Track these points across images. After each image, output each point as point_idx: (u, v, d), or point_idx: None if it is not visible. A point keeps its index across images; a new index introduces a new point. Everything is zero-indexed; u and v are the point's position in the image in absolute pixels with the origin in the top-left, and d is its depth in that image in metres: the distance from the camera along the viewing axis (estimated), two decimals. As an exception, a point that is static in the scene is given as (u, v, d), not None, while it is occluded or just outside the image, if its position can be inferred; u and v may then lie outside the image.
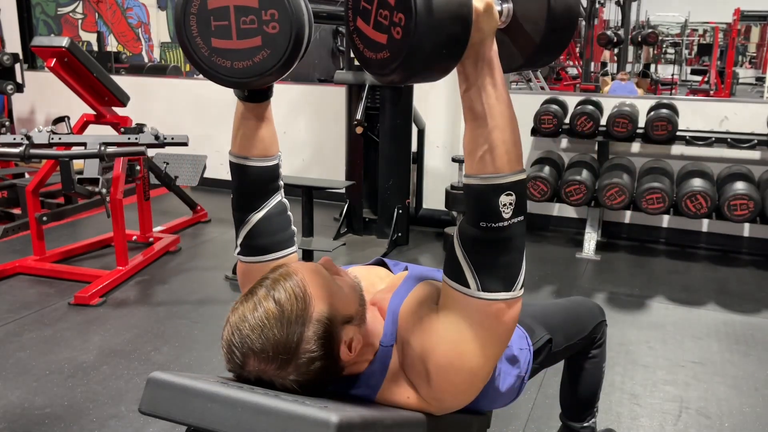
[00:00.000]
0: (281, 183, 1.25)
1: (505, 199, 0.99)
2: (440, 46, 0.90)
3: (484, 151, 0.99)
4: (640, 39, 10.42)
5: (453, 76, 1.02)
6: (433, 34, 0.88)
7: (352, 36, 0.99)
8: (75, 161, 3.11)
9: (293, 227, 1.27)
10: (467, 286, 1.03)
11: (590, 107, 4.06)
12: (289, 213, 1.26)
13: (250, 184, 1.20)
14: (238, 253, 1.24)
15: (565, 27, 1.06)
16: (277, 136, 1.22)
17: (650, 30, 10.11)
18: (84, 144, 3.09)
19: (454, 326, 1.05)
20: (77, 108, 3.78)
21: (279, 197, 1.24)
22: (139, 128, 3.27)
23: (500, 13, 1.02)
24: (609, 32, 10.33)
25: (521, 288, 1.05)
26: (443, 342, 1.05)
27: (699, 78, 11.98)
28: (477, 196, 1.01)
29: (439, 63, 0.93)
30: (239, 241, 1.23)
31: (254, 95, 1.15)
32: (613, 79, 9.08)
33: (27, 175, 4.83)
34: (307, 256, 3.44)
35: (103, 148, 3.01)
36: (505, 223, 1.00)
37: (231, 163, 1.21)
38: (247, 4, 1.02)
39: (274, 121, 1.23)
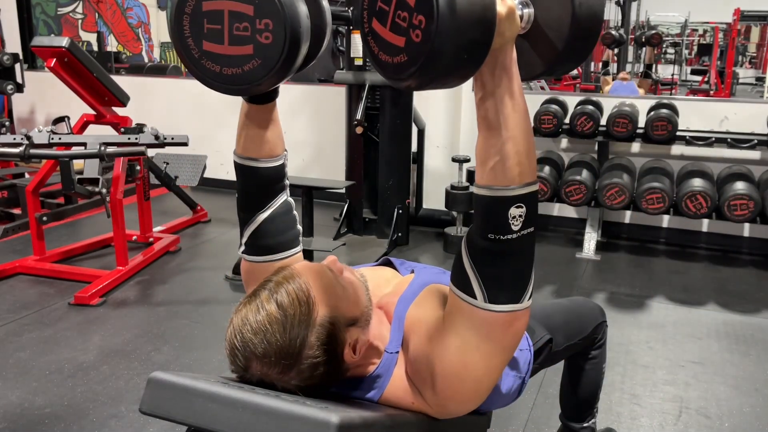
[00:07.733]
0: (287, 182, 1.24)
1: (515, 212, 0.95)
2: (461, 51, 0.85)
3: (495, 162, 0.95)
4: (643, 39, 10.15)
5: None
6: (454, 38, 0.83)
7: (366, 38, 0.94)
8: (75, 161, 3.11)
9: (299, 227, 1.25)
10: (474, 297, 1.00)
11: (590, 107, 4.06)
12: (295, 213, 1.24)
13: (255, 185, 1.19)
14: (243, 252, 1.23)
15: (589, 34, 1.00)
16: (283, 136, 1.21)
17: (653, 31, 9.87)
18: (84, 144, 3.09)
19: (460, 336, 1.03)
20: (77, 108, 3.78)
21: (285, 197, 1.23)
22: (139, 128, 3.27)
23: (521, 18, 0.97)
24: (614, 32, 10.19)
25: (529, 299, 1.02)
26: (449, 352, 1.03)
27: (699, 78, 11.96)
28: (486, 207, 0.97)
29: (458, 69, 0.88)
30: (244, 239, 1.21)
31: (259, 97, 1.12)
32: (614, 79, 9.08)
33: (27, 175, 4.82)
34: (307, 256, 3.44)
35: (103, 148, 3.00)
36: (515, 236, 0.96)
37: (235, 164, 1.19)
38: (242, 10, 0.99)
39: None
